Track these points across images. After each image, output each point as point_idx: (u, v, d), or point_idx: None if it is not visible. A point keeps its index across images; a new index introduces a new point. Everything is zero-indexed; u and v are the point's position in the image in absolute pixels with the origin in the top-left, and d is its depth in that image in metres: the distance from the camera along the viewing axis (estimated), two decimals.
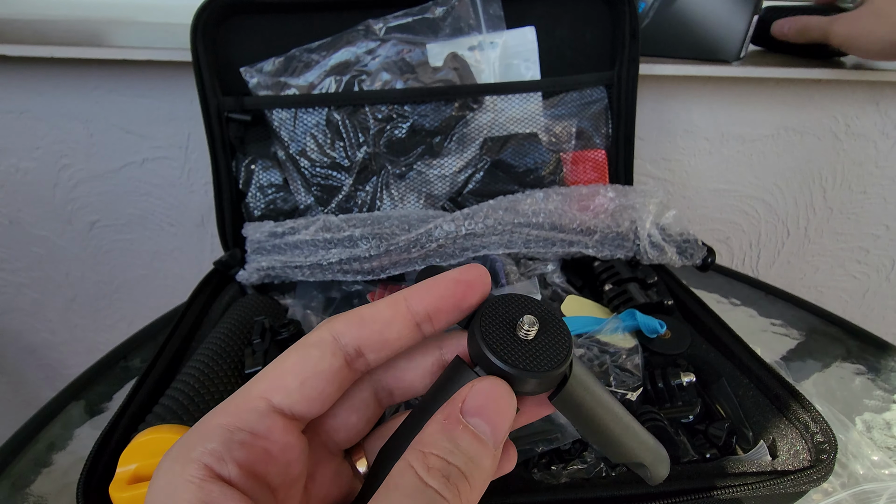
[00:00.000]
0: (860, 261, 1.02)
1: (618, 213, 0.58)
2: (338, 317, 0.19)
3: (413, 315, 0.19)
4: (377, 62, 0.59)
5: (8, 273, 0.88)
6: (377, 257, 0.54)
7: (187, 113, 0.76)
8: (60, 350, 0.98)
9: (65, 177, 0.80)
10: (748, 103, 0.84)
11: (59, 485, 0.43)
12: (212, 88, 0.57)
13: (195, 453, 0.16)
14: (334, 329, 0.19)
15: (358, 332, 0.19)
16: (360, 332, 0.19)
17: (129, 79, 0.74)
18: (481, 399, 0.17)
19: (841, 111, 0.86)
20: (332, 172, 0.60)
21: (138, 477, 0.32)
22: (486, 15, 0.60)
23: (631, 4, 0.59)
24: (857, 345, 0.57)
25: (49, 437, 0.47)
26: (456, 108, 0.60)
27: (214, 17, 0.56)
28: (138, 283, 0.91)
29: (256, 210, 0.61)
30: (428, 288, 0.19)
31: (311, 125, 0.59)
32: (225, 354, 0.41)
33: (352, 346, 0.19)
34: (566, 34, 0.62)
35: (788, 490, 0.33)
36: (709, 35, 0.74)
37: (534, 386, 0.18)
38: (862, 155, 0.90)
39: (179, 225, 0.86)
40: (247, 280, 0.56)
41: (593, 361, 0.43)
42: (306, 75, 0.59)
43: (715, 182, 0.91)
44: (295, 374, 0.18)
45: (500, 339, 0.19)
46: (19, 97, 0.74)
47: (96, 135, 0.77)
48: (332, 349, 0.19)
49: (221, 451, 0.16)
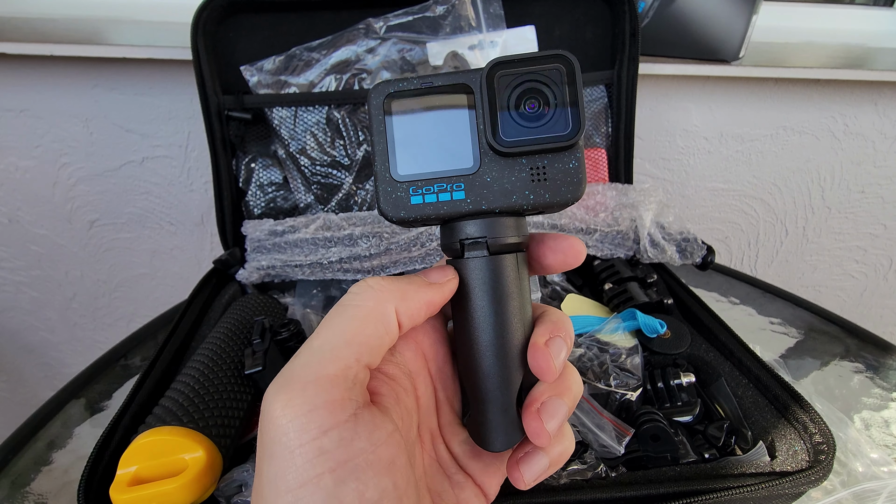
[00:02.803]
0: (858, 260, 1.02)
1: (618, 211, 0.58)
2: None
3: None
4: (377, 61, 0.59)
5: (7, 272, 0.88)
6: (377, 256, 0.54)
7: (187, 111, 0.76)
8: (60, 349, 0.98)
9: (64, 175, 0.80)
10: (747, 103, 0.84)
11: (59, 483, 0.43)
12: (212, 87, 0.57)
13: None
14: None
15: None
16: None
17: (128, 77, 0.74)
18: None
19: (839, 111, 0.86)
20: (332, 171, 0.60)
21: (138, 479, 0.32)
22: (486, 14, 0.60)
23: (631, 4, 0.59)
24: (856, 343, 0.57)
25: (49, 435, 0.47)
26: None
27: (215, 16, 0.56)
28: (138, 281, 0.91)
29: (256, 208, 0.61)
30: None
31: (311, 123, 0.59)
32: (224, 355, 0.41)
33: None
34: (566, 33, 0.62)
35: (787, 491, 0.33)
36: (708, 35, 0.74)
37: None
38: (860, 154, 0.90)
39: (179, 224, 0.86)
40: (247, 279, 0.56)
41: (593, 361, 0.43)
42: (307, 74, 0.59)
43: (714, 181, 0.92)
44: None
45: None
46: (19, 95, 0.74)
47: (96, 133, 0.77)
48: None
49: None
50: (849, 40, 0.94)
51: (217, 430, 0.35)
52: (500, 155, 0.22)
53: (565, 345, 0.23)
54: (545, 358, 0.22)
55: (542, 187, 0.22)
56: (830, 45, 0.93)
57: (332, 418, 0.18)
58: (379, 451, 0.19)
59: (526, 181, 0.22)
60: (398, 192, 0.23)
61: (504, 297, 0.23)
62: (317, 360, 0.19)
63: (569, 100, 0.22)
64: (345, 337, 0.20)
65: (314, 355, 0.20)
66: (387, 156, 0.23)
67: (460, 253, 0.23)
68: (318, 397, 0.18)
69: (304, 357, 0.20)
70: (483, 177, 0.23)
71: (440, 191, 0.23)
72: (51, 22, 0.77)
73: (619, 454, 0.36)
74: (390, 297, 0.21)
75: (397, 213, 0.23)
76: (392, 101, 0.23)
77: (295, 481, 0.17)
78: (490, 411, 0.23)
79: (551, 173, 0.22)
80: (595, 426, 0.37)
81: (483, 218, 0.23)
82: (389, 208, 0.23)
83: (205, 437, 0.33)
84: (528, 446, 0.23)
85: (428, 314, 0.23)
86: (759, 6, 0.72)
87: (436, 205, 0.23)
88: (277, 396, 0.18)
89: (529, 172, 0.22)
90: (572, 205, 0.23)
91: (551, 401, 0.22)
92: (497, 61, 0.22)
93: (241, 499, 0.34)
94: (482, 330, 0.23)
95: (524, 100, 0.22)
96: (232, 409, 0.37)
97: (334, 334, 0.20)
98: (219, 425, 0.35)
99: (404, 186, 0.23)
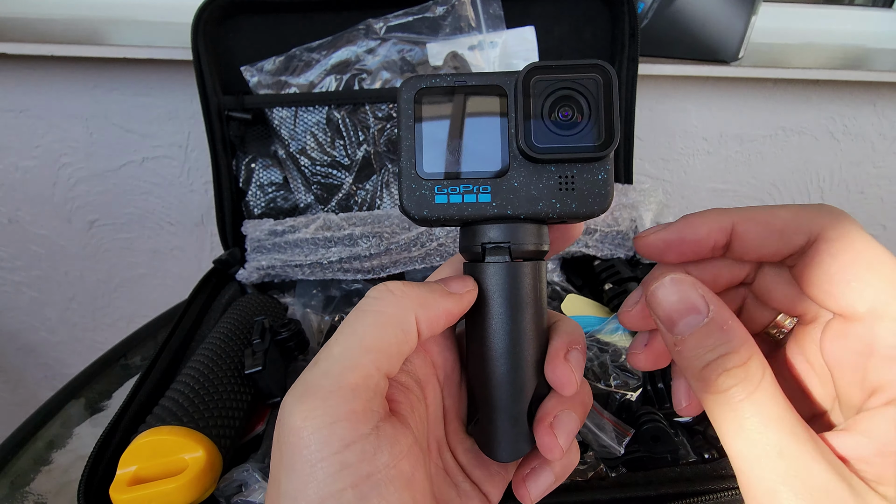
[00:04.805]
0: None
1: (617, 211, 0.58)
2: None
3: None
4: (377, 61, 0.59)
5: (7, 272, 0.88)
6: (377, 256, 0.54)
7: (187, 112, 0.76)
8: (59, 349, 0.97)
9: (64, 175, 0.80)
10: (746, 103, 0.85)
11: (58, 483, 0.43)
12: (212, 87, 0.57)
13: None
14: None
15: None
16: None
17: (129, 77, 0.74)
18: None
19: (838, 112, 0.86)
20: (332, 171, 0.60)
21: (138, 478, 0.32)
22: (486, 14, 0.60)
23: (630, 5, 0.59)
24: None
25: (49, 435, 0.47)
26: None
27: (215, 16, 0.56)
28: (138, 281, 0.91)
29: (256, 208, 0.61)
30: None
31: (311, 124, 0.59)
32: (224, 355, 0.41)
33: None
34: (565, 34, 0.62)
35: None
36: (707, 35, 0.74)
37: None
38: (859, 155, 0.91)
39: (179, 224, 0.86)
40: (247, 279, 0.56)
41: (593, 361, 0.43)
42: (307, 74, 0.59)
43: (713, 182, 0.92)
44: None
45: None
46: (19, 96, 0.74)
47: (96, 133, 0.77)
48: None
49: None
50: (848, 41, 0.94)
51: (217, 430, 0.35)
52: (530, 160, 0.22)
53: (583, 357, 0.23)
54: (566, 372, 0.22)
55: (568, 196, 0.22)
56: (829, 45, 0.93)
57: (355, 431, 0.18)
58: (400, 465, 0.18)
59: (553, 189, 0.22)
60: (423, 189, 0.22)
61: (523, 304, 0.22)
62: (338, 368, 0.19)
63: (603, 111, 0.21)
64: (365, 344, 0.19)
65: (334, 363, 0.19)
66: (414, 152, 0.22)
67: (481, 257, 0.23)
68: (340, 408, 0.18)
69: (323, 365, 0.19)
70: (511, 181, 0.22)
71: (466, 192, 0.22)
72: (51, 22, 0.77)
73: (619, 454, 0.36)
74: (411, 304, 0.21)
75: (420, 212, 0.22)
76: (423, 96, 0.22)
77: (316, 496, 0.17)
78: (500, 420, 0.23)
79: (579, 183, 0.22)
80: (595, 426, 0.37)
81: (507, 223, 0.22)
82: (413, 206, 0.22)
83: (205, 437, 0.33)
84: (534, 461, 0.23)
85: (447, 324, 0.22)
86: (758, 7, 0.72)
87: (460, 206, 0.22)
88: (298, 406, 0.18)
89: (557, 181, 0.22)
90: (597, 217, 0.23)
91: (564, 414, 0.22)
92: (534, 66, 0.21)
93: (241, 498, 0.34)
94: (498, 337, 0.22)
95: (558, 107, 0.22)
96: (232, 409, 0.37)
97: (354, 341, 0.19)
98: (219, 425, 0.35)
99: (429, 185, 0.22)
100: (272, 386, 0.41)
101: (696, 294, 0.19)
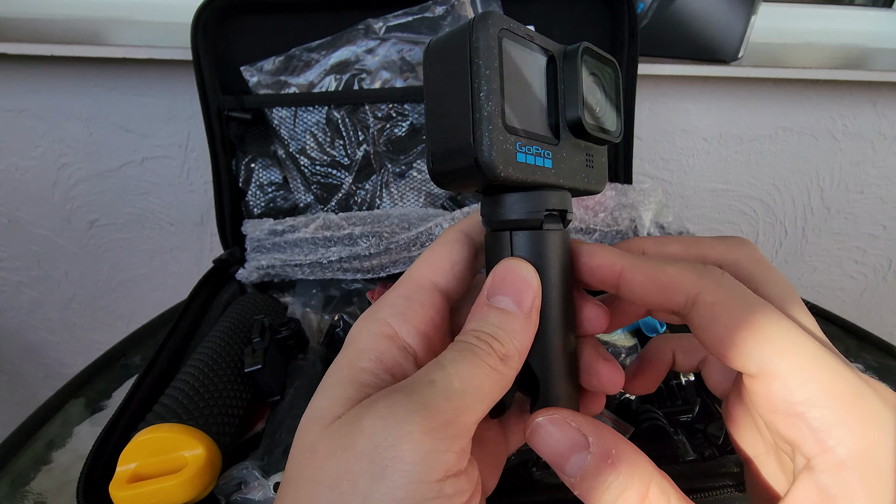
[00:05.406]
0: (857, 260, 1.02)
1: (617, 211, 0.58)
2: (463, 221, 0.24)
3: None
4: (377, 61, 0.59)
5: (7, 272, 0.88)
6: (377, 255, 0.54)
7: (187, 112, 0.76)
8: (59, 349, 0.98)
9: (64, 175, 0.80)
10: (746, 103, 0.85)
11: (58, 482, 0.43)
12: (212, 87, 0.57)
13: (381, 313, 0.21)
14: (466, 226, 0.24)
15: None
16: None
17: (128, 77, 0.74)
18: (499, 278, 0.21)
19: (838, 111, 0.86)
20: (331, 171, 0.60)
21: (138, 476, 0.32)
22: None
23: (630, 4, 0.59)
24: (856, 343, 0.57)
25: (48, 434, 0.47)
26: None
27: (215, 16, 0.56)
28: (137, 282, 0.91)
29: (256, 208, 0.61)
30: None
31: (311, 123, 0.59)
32: (224, 353, 0.41)
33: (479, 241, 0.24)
34: (565, 33, 0.62)
35: None
36: (707, 35, 0.74)
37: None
38: (859, 155, 0.91)
39: (179, 224, 0.86)
40: (246, 278, 0.56)
41: None
42: (306, 74, 0.59)
43: (713, 182, 0.92)
44: (446, 260, 0.23)
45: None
46: (19, 96, 0.74)
47: (96, 133, 0.77)
48: (468, 242, 0.23)
49: (403, 312, 0.21)
50: (848, 41, 0.94)
51: (217, 428, 0.35)
52: (577, 134, 0.22)
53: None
54: (598, 311, 0.24)
55: (589, 174, 0.23)
56: (829, 45, 0.93)
57: (458, 464, 0.17)
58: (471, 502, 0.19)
59: (583, 165, 0.23)
60: (507, 144, 0.19)
61: (568, 270, 0.23)
62: (466, 403, 0.18)
63: (616, 101, 0.24)
64: (481, 392, 0.19)
65: (461, 398, 0.18)
66: (501, 98, 0.19)
67: (539, 224, 0.22)
68: (457, 441, 0.17)
69: (446, 393, 0.18)
70: (562, 151, 0.22)
71: (537, 154, 0.21)
72: (51, 22, 0.77)
73: None
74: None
75: (506, 168, 0.19)
76: (504, 38, 0.20)
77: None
78: (559, 388, 0.22)
79: (597, 162, 0.24)
80: None
81: (562, 191, 0.23)
82: (499, 159, 0.19)
83: (205, 435, 0.33)
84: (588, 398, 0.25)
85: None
86: (757, 7, 0.72)
87: (534, 168, 0.20)
88: (414, 417, 0.17)
89: (585, 157, 0.23)
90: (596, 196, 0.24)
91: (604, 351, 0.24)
92: (588, 46, 0.22)
93: (241, 496, 0.34)
94: (556, 307, 0.22)
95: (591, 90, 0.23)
96: (232, 407, 0.37)
97: (472, 387, 0.19)
98: (219, 423, 0.35)
99: (512, 140, 0.20)
100: (272, 384, 0.41)
101: (572, 429, 0.19)
